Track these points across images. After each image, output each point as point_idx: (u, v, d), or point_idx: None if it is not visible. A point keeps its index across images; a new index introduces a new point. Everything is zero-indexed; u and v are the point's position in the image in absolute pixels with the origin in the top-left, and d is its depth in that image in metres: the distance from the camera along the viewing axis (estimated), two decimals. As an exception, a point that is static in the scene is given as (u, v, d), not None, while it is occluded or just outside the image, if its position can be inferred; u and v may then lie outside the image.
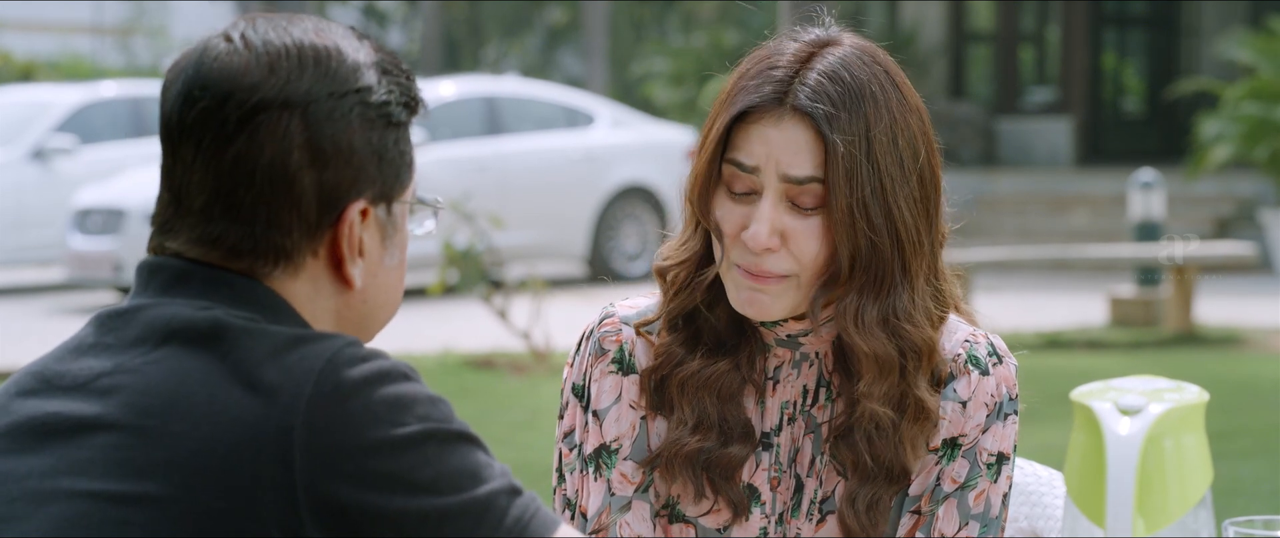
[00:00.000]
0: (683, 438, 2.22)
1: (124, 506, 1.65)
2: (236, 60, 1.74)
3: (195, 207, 1.75)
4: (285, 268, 1.75)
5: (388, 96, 1.78)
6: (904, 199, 2.15)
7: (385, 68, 1.79)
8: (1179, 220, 16.32)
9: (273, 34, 1.76)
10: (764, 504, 2.25)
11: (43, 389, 1.74)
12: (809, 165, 2.13)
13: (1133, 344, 11.58)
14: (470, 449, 1.68)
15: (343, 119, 1.75)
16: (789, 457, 2.25)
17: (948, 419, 2.22)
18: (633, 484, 2.25)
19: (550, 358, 10.58)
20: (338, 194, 1.75)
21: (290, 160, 1.73)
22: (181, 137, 1.75)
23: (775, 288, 2.16)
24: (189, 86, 1.75)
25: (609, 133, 16.37)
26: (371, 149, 1.77)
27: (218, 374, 1.67)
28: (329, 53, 1.76)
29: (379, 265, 1.81)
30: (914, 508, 2.22)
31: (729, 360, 2.23)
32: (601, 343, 2.27)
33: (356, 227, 1.77)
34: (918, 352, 2.18)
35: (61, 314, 14.36)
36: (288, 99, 1.73)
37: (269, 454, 1.62)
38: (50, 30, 32.82)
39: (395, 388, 1.66)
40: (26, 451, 1.71)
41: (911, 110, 2.19)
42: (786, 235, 2.14)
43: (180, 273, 1.75)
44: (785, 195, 2.14)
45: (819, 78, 2.14)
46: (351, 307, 1.80)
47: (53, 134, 16.25)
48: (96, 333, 1.76)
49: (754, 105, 2.15)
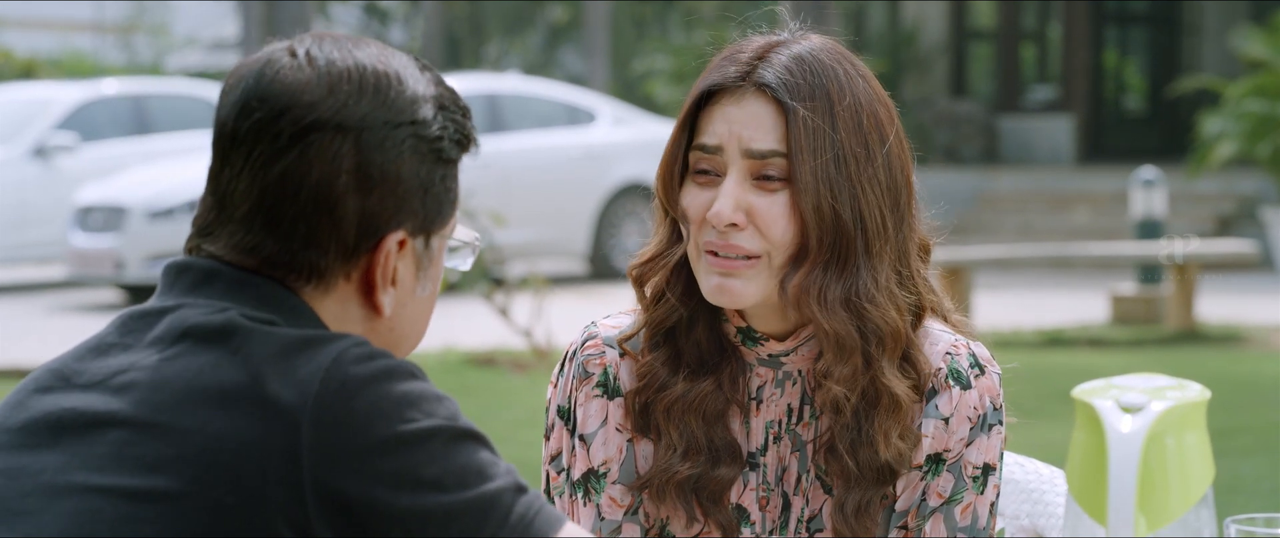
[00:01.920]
0: (673, 465, 2.21)
1: (136, 501, 1.66)
2: (298, 77, 1.75)
3: (237, 215, 1.76)
4: (317, 286, 1.77)
5: (442, 132, 1.79)
6: (868, 180, 2.14)
7: (443, 103, 1.80)
8: (1180, 218, 16.33)
9: (336, 54, 1.77)
10: (753, 524, 2.24)
11: (60, 386, 1.76)
12: (770, 138, 2.13)
13: (1134, 342, 11.58)
14: (476, 447, 1.68)
15: (394, 149, 1.75)
16: (776, 476, 2.23)
17: (930, 436, 2.20)
18: (622, 507, 2.25)
19: (552, 356, 10.58)
20: (378, 222, 1.76)
21: (337, 183, 1.74)
22: (233, 145, 1.76)
23: (746, 273, 2.14)
24: (247, 97, 1.76)
25: (610, 130, 16.37)
26: (419, 182, 1.78)
27: (228, 371, 1.68)
28: (390, 80, 1.77)
29: (410, 296, 1.82)
30: (901, 524, 2.21)
31: (712, 380, 2.22)
32: (585, 366, 2.26)
33: (393, 256, 1.78)
34: (881, 336, 2.15)
35: (62, 312, 14.36)
36: (343, 122, 1.74)
37: (277, 451, 1.64)
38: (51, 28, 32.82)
39: (402, 385, 1.67)
40: (42, 446, 1.72)
41: (879, 101, 2.18)
42: (753, 212, 2.13)
43: (207, 273, 1.77)
44: (749, 172, 2.13)
45: (783, 60, 2.15)
46: (377, 333, 1.81)
47: (54, 132, 16.25)
48: (118, 333, 1.77)
49: (717, 85, 2.16)
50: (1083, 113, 22.26)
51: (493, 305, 10.98)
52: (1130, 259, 12.64)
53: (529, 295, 11.14)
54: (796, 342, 2.21)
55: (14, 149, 16.08)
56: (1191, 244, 12.22)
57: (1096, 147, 22.41)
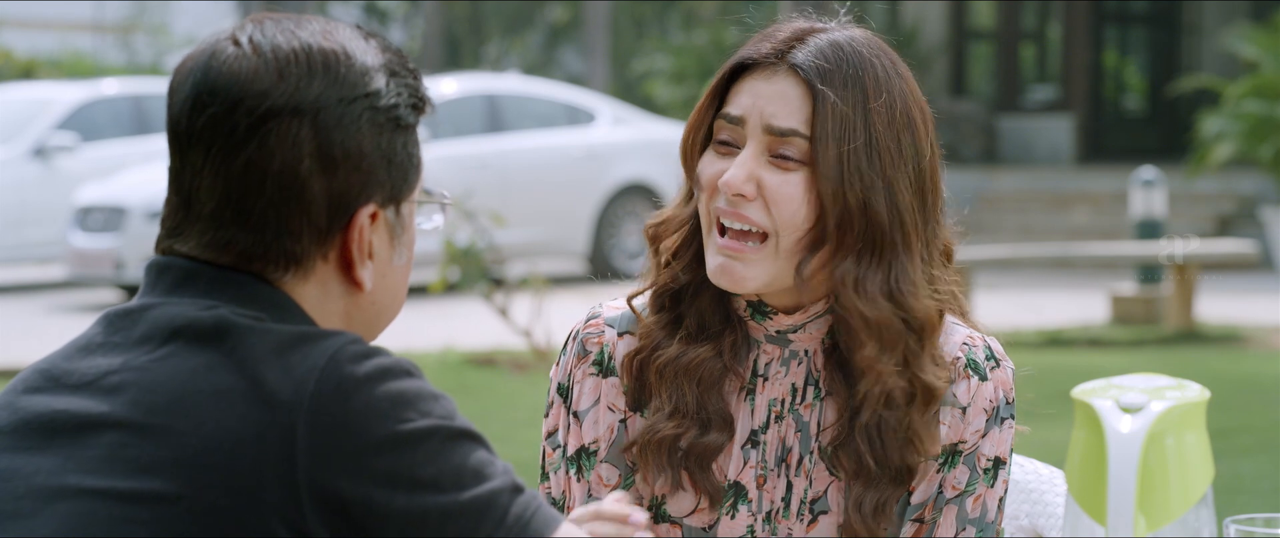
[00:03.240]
0: (658, 424, 2.20)
1: (130, 503, 1.65)
2: (245, 65, 1.74)
3: (205, 212, 1.75)
4: (295, 273, 1.76)
5: (396, 99, 1.78)
6: (899, 174, 2.13)
7: (393, 69, 1.79)
8: (1180, 218, 16.32)
9: (281, 37, 1.75)
10: (750, 502, 2.23)
11: (49, 387, 1.75)
12: (793, 118, 2.12)
13: (1134, 342, 11.58)
14: (473, 447, 1.68)
15: (353, 124, 1.75)
16: (777, 456, 2.23)
17: (947, 425, 2.20)
18: (608, 487, 2.25)
19: (551, 356, 10.57)
20: (347, 199, 1.75)
21: (301, 168, 1.73)
22: (190, 142, 1.75)
23: (751, 254, 2.14)
24: (197, 91, 1.74)
25: (610, 130, 16.36)
26: (381, 153, 1.77)
27: (222, 372, 1.68)
28: (337, 57, 1.75)
29: (388, 266, 1.81)
30: (917, 517, 2.22)
31: (710, 346, 2.21)
32: (584, 344, 2.27)
33: (366, 230, 1.77)
34: (921, 327, 2.15)
35: (62, 312, 14.36)
36: (298, 106, 1.73)
37: (273, 451, 1.63)
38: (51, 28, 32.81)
39: (398, 384, 1.66)
40: (33, 449, 1.72)
41: (915, 103, 2.17)
42: (763, 186, 2.13)
43: (188, 272, 1.75)
44: (768, 148, 2.13)
45: (820, 44, 2.15)
46: (361, 308, 1.80)
47: (54, 132, 16.25)
48: (104, 332, 1.76)
49: (751, 59, 2.16)
50: (1082, 113, 22.26)
51: (492, 306, 10.98)
52: (1130, 259, 12.64)
53: (528, 296, 11.13)
54: (805, 317, 2.20)
55: (14, 149, 16.07)
56: (1191, 244, 12.22)
57: (1096, 147, 22.41)
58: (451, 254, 10.95)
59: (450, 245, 10.94)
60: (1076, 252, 13.41)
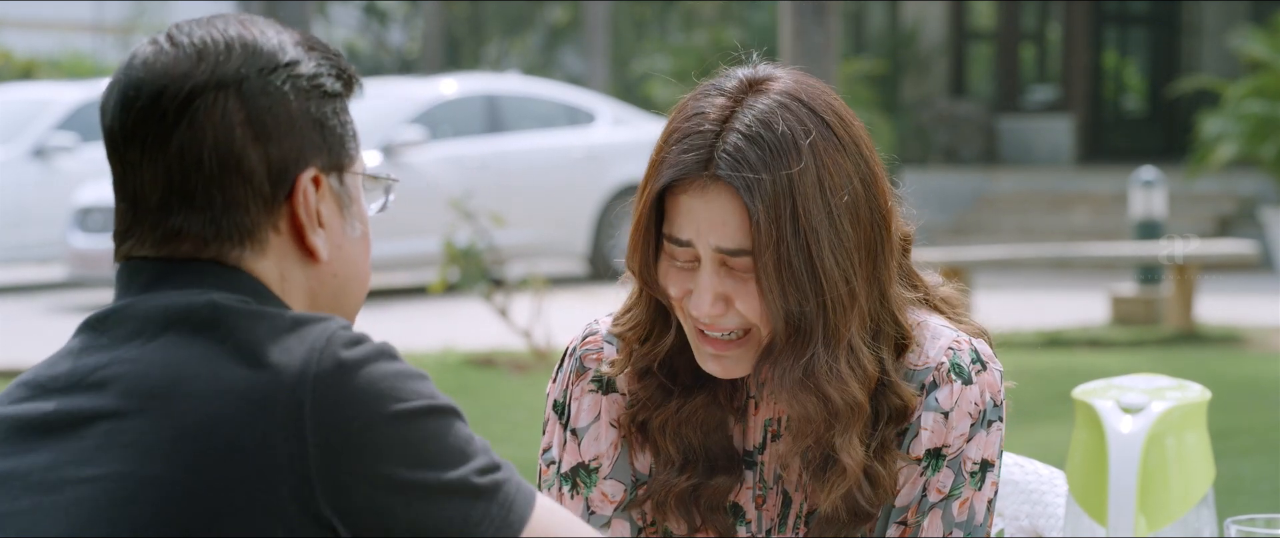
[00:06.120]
0: (671, 479, 2.24)
1: (132, 485, 1.67)
2: (164, 58, 1.79)
3: (152, 205, 1.79)
4: (251, 247, 1.79)
5: (318, 70, 1.83)
6: (830, 249, 2.12)
7: (310, 46, 1.85)
8: (1180, 219, 16.32)
9: (197, 30, 1.81)
10: (749, 523, 2.25)
11: (35, 395, 1.77)
12: (737, 237, 2.12)
13: (1134, 343, 11.58)
14: (460, 423, 1.73)
15: (277, 92, 1.79)
16: (774, 475, 2.25)
17: (929, 430, 2.20)
18: (613, 503, 2.27)
19: (551, 356, 10.57)
20: (285, 164, 1.80)
21: (234, 139, 1.77)
22: (126, 142, 1.79)
23: (738, 348, 2.18)
24: (123, 92, 1.80)
25: (610, 131, 16.36)
26: (310, 119, 1.81)
27: (219, 355, 1.71)
28: (253, 36, 1.82)
29: (342, 237, 1.85)
30: (900, 519, 2.21)
31: (706, 394, 2.24)
32: (583, 361, 2.29)
33: (311, 195, 1.81)
34: (837, 413, 2.16)
35: (62, 313, 14.36)
36: (220, 81, 1.78)
37: (279, 429, 1.66)
38: (51, 28, 32.81)
39: (392, 366, 1.71)
40: (27, 450, 1.73)
41: (845, 149, 2.15)
42: (731, 298, 2.15)
43: (160, 271, 1.78)
44: (722, 262, 2.14)
45: (739, 139, 2.12)
46: (323, 282, 1.84)
47: (53, 132, 16.25)
48: (88, 337, 1.79)
49: (678, 179, 2.14)
50: (1082, 113, 22.26)
51: (492, 306, 10.98)
52: (1130, 260, 12.63)
53: (528, 296, 11.13)
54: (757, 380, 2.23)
55: (14, 150, 16.07)
56: (1191, 245, 12.22)
57: (1096, 147, 22.41)
58: (451, 255, 10.95)
59: (450, 246, 10.94)
60: (1076, 252, 13.41)
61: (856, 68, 20.08)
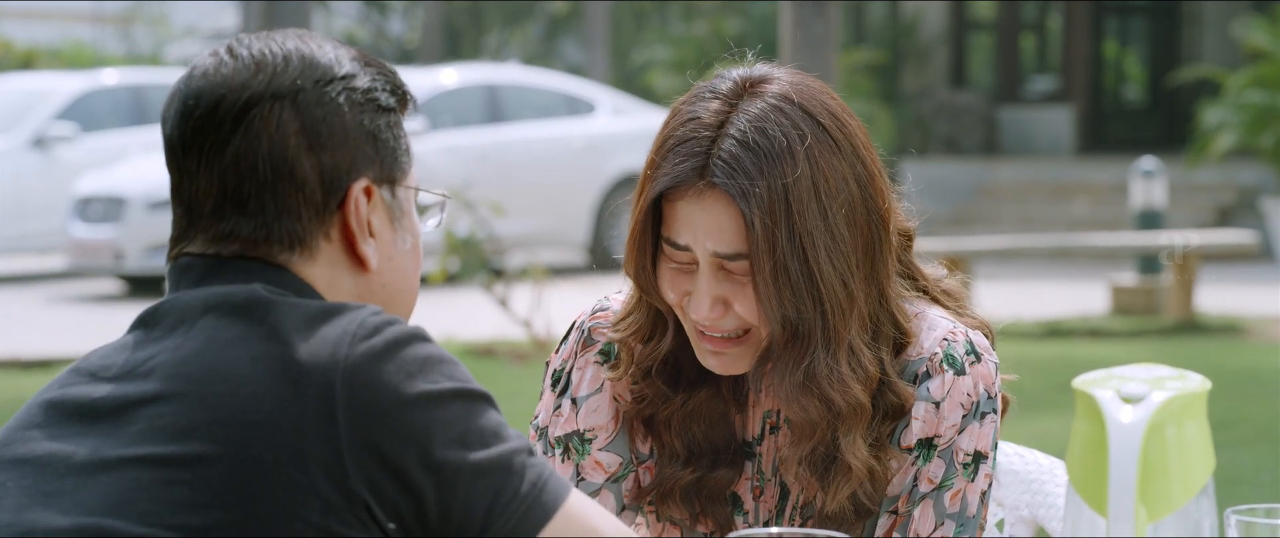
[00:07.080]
0: (676, 473, 2.25)
1: (171, 467, 1.71)
2: (223, 69, 1.84)
3: (206, 211, 1.84)
4: (301, 253, 1.83)
5: (373, 84, 1.87)
6: (826, 254, 2.12)
7: (365, 61, 1.89)
8: (1180, 209, 16.34)
9: (257, 43, 1.86)
10: (747, 513, 2.26)
11: (85, 381, 1.82)
12: (734, 242, 2.13)
13: (1134, 333, 11.58)
14: (492, 408, 1.77)
15: (332, 103, 1.83)
16: (773, 466, 2.26)
17: (920, 419, 2.20)
18: (606, 474, 2.28)
19: (551, 346, 10.57)
20: (338, 174, 1.83)
21: (288, 148, 1.81)
22: (184, 150, 1.84)
23: (738, 347, 2.19)
24: (184, 102, 1.84)
25: (610, 121, 16.36)
26: (364, 131, 1.85)
27: (255, 339, 1.75)
28: (310, 49, 1.86)
29: (392, 248, 1.89)
30: (892, 508, 2.22)
31: (710, 388, 2.25)
32: (591, 334, 2.30)
33: (363, 206, 1.85)
34: (840, 415, 2.17)
35: (62, 302, 14.36)
36: (276, 91, 1.82)
37: (313, 410, 1.70)
38: (51, 18, 32.80)
39: (424, 348, 1.75)
40: (73, 435, 1.78)
41: (840, 151, 2.15)
42: (729, 301, 2.16)
43: (209, 266, 1.83)
44: (720, 266, 2.15)
45: (733, 146, 2.12)
46: (372, 291, 1.88)
47: (53, 122, 16.25)
48: (140, 332, 1.83)
49: (674, 186, 2.15)
50: (1083, 103, 22.25)
51: (492, 296, 10.98)
52: (1130, 250, 12.63)
53: (528, 286, 11.13)
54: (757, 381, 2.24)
55: (13, 139, 16.07)
56: (1191, 235, 12.21)
57: (1096, 137, 22.41)
58: (452, 245, 10.95)
59: (450, 236, 10.95)
60: (1076, 242, 13.41)
61: (857, 58, 20.07)
